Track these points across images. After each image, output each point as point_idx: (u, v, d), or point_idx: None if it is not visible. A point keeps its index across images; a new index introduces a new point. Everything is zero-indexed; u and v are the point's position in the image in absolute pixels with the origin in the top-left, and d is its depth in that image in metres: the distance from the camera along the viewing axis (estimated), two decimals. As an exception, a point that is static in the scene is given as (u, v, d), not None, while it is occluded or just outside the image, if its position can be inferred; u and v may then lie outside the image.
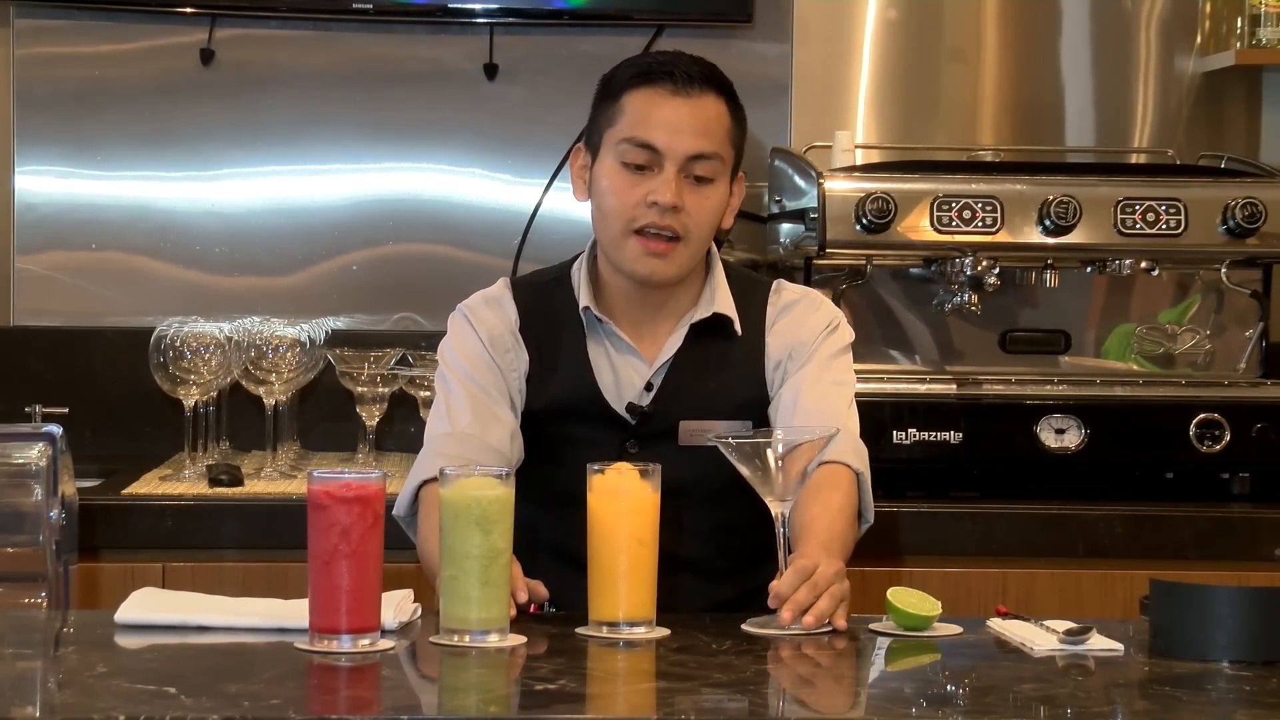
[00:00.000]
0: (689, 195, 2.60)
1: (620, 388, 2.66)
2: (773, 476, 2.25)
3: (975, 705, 1.93)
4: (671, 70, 2.61)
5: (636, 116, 2.60)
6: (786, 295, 2.74)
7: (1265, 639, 2.06)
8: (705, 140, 2.60)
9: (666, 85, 2.60)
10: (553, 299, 2.70)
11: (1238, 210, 3.45)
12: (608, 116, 2.64)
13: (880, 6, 3.94)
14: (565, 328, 2.68)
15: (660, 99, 2.60)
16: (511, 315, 2.69)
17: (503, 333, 2.67)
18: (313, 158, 3.90)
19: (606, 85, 2.67)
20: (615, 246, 2.63)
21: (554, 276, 2.74)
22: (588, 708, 1.96)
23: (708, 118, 2.61)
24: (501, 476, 2.20)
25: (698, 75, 2.61)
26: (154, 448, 3.69)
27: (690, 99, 2.60)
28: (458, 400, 2.64)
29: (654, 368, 2.66)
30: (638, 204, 2.59)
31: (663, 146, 2.58)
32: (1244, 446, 3.43)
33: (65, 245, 3.87)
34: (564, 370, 2.66)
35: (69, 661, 2.07)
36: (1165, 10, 3.97)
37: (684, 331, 2.67)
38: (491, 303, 2.71)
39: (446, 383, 2.67)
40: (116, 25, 3.86)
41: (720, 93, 2.63)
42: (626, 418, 2.65)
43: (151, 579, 3.07)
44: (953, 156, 3.78)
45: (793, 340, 2.69)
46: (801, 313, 2.72)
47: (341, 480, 2.12)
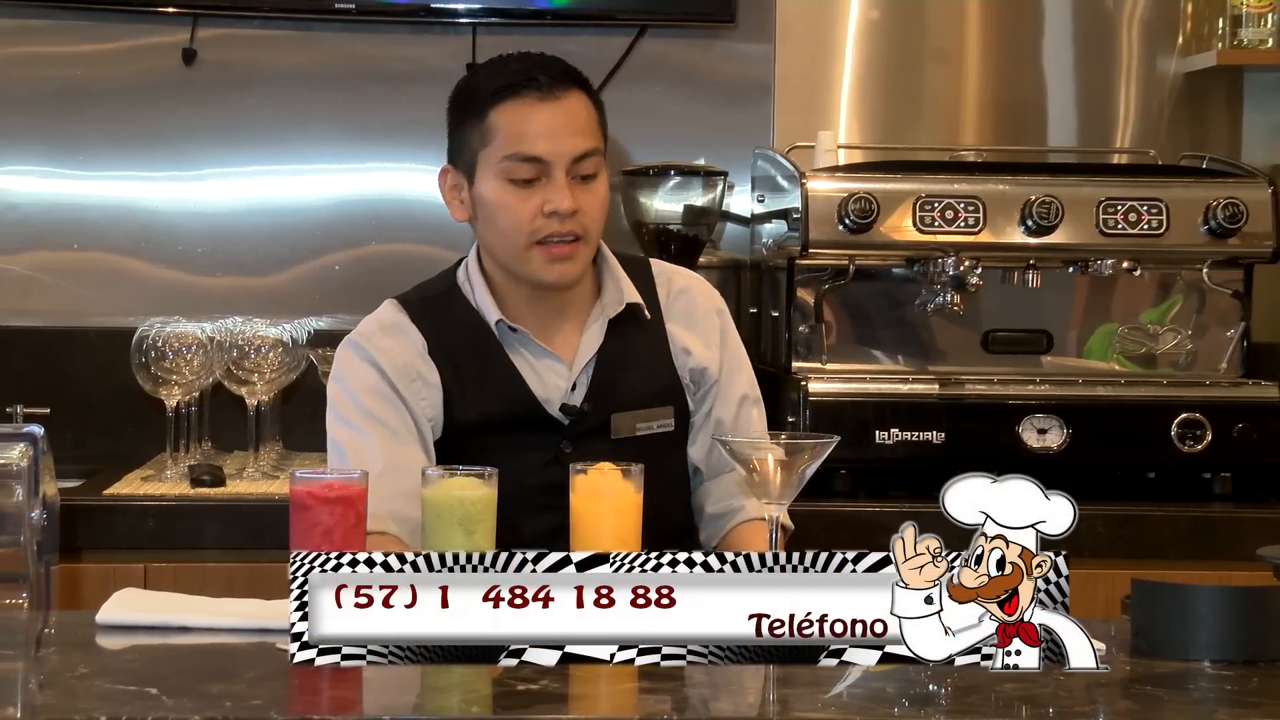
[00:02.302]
0: (580, 195, 2.59)
1: (546, 391, 2.64)
2: (770, 479, 2.25)
3: (957, 705, 1.93)
4: (534, 76, 2.58)
5: (512, 131, 2.57)
6: (676, 280, 2.77)
7: (1247, 638, 2.07)
8: (584, 138, 2.59)
9: (533, 93, 2.57)
10: (450, 313, 2.66)
11: (1219, 210, 3.46)
12: (478, 136, 2.60)
13: (863, 7, 3.95)
14: (477, 342, 2.64)
15: (530, 108, 2.57)
16: (417, 341, 2.63)
17: (409, 360, 2.62)
18: (295, 157, 3.90)
19: (465, 103, 2.63)
20: (518, 260, 2.60)
21: (443, 289, 2.70)
22: (570, 708, 1.96)
23: (579, 115, 2.60)
24: (484, 476, 2.20)
25: (559, 75, 2.60)
26: (136, 448, 3.68)
27: (559, 101, 2.58)
28: (366, 443, 2.56)
29: (575, 368, 2.65)
30: (534, 216, 2.57)
31: (548, 155, 2.57)
32: (1225, 446, 3.44)
33: (47, 245, 3.87)
34: (490, 383, 2.63)
35: (50, 662, 2.07)
36: (1147, 11, 3.98)
37: (601, 327, 2.66)
38: (391, 330, 2.65)
39: (350, 425, 2.59)
40: (98, 25, 3.85)
41: (580, 86, 2.62)
42: (561, 419, 2.64)
43: (133, 579, 3.06)
44: (935, 157, 3.78)
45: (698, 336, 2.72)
46: (694, 300, 2.75)
47: (324, 480, 2.12)
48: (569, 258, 2.59)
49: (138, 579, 3.11)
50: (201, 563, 3.19)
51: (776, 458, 2.25)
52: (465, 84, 2.67)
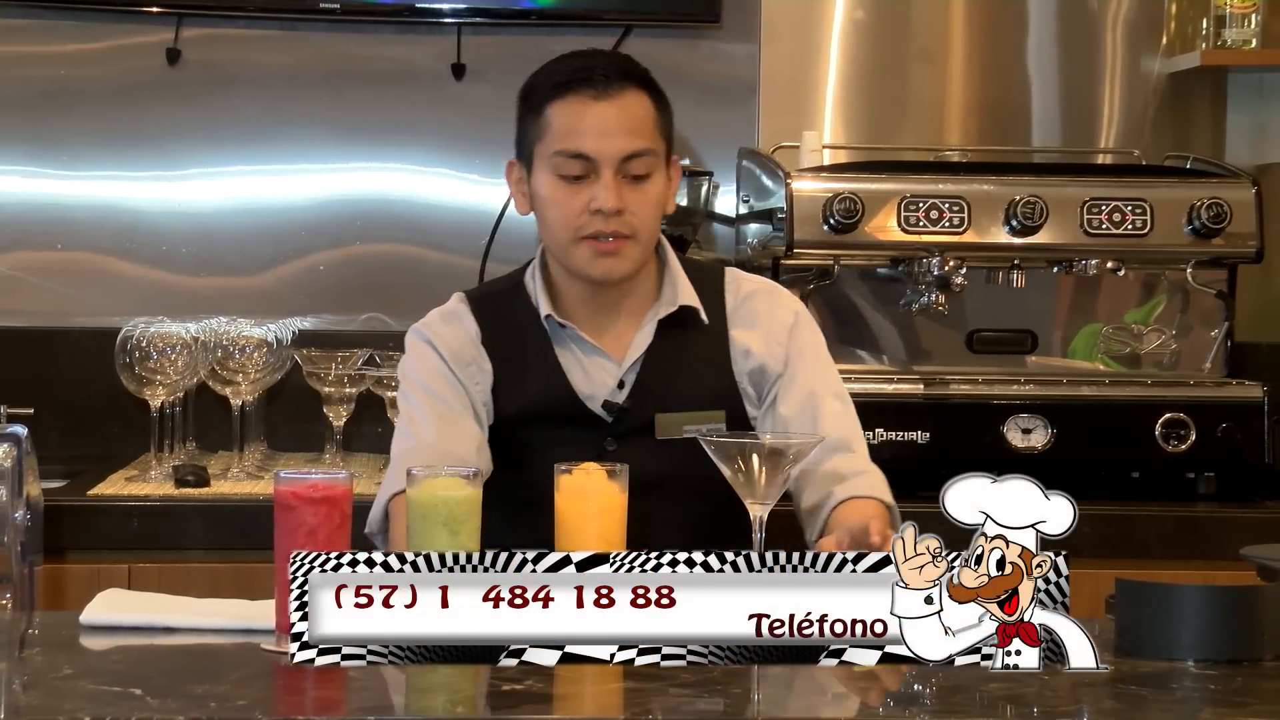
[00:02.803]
0: (629, 195, 2.59)
1: (593, 388, 2.66)
2: (756, 479, 2.25)
3: (942, 705, 1.94)
4: (590, 74, 2.59)
5: (564, 128, 2.59)
6: (745, 285, 2.75)
7: (1230, 638, 2.07)
8: (636, 138, 2.59)
9: (587, 91, 2.58)
10: (511, 308, 2.70)
11: (1203, 211, 3.47)
12: (535, 131, 2.62)
13: (848, 7, 3.95)
14: (529, 335, 2.68)
15: (584, 106, 2.58)
16: (472, 329, 2.68)
17: (463, 346, 2.67)
18: (280, 158, 3.89)
19: (527, 98, 2.65)
20: (566, 254, 2.63)
21: (509, 286, 2.73)
22: (555, 708, 1.96)
23: (634, 115, 2.60)
24: (469, 477, 2.19)
25: (616, 73, 2.60)
26: (120, 448, 3.68)
27: (614, 100, 2.58)
28: (421, 415, 2.63)
29: (624, 366, 2.67)
30: (581, 213, 2.59)
31: (595, 153, 2.57)
32: (1209, 446, 3.45)
33: (31, 245, 3.86)
34: (535, 375, 2.66)
35: (34, 663, 2.06)
36: (1131, 11, 3.98)
37: (652, 327, 2.67)
38: (449, 318, 2.70)
39: (409, 400, 2.67)
40: (82, 25, 3.85)
41: (641, 86, 2.62)
42: (603, 415, 2.65)
43: (117, 580, 3.06)
44: (920, 157, 3.79)
45: (762, 335, 2.70)
46: (763, 304, 2.73)
47: (308, 481, 2.11)
48: (614, 254, 2.60)
49: (122, 579, 3.10)
50: (186, 563, 3.18)
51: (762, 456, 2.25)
52: (531, 79, 2.67)
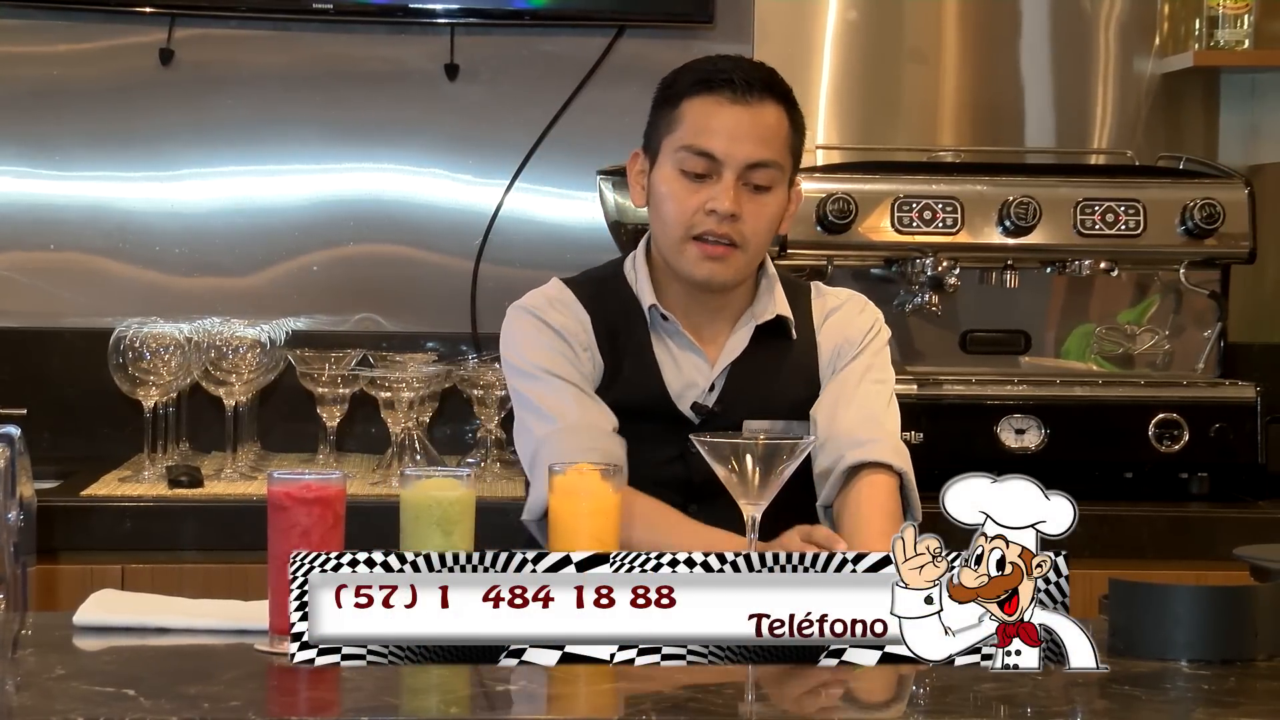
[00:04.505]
0: (747, 203, 2.60)
1: (684, 387, 2.68)
2: (749, 480, 2.25)
3: (935, 705, 1.94)
4: (731, 78, 2.60)
5: (696, 124, 2.60)
6: (830, 299, 2.78)
7: (1224, 638, 2.07)
8: (764, 148, 2.60)
9: (726, 93, 2.59)
10: (613, 297, 2.71)
11: (1196, 211, 3.47)
12: (667, 123, 2.63)
13: (841, 7, 3.95)
14: (630, 327, 2.69)
15: (719, 107, 2.59)
16: (583, 316, 2.69)
17: (577, 332, 2.67)
18: (273, 158, 3.89)
19: (666, 90, 2.66)
20: (674, 252, 2.64)
21: (609, 274, 2.74)
22: (549, 708, 1.95)
23: (767, 125, 2.61)
24: (463, 478, 2.19)
25: (758, 82, 2.61)
26: (113, 449, 3.67)
27: (750, 107, 2.60)
28: (555, 394, 2.62)
29: (716, 368, 2.69)
30: (696, 211, 2.60)
31: (721, 154, 2.59)
32: (1202, 446, 3.45)
33: (23, 245, 3.86)
34: (630, 370, 2.68)
35: (27, 664, 2.06)
36: (1124, 12, 3.98)
37: (748, 332, 2.69)
38: (559, 305, 2.69)
39: (534, 380, 2.64)
40: (75, 25, 3.84)
41: (780, 100, 2.63)
42: (691, 417, 2.66)
43: (110, 581, 3.05)
44: (913, 157, 3.79)
45: (841, 340, 2.73)
46: (848, 314, 2.76)
47: (302, 481, 2.11)
48: (721, 259, 2.61)
49: (115, 580, 3.10)
50: (179, 564, 3.18)
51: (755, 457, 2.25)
52: (672, 74, 2.69)
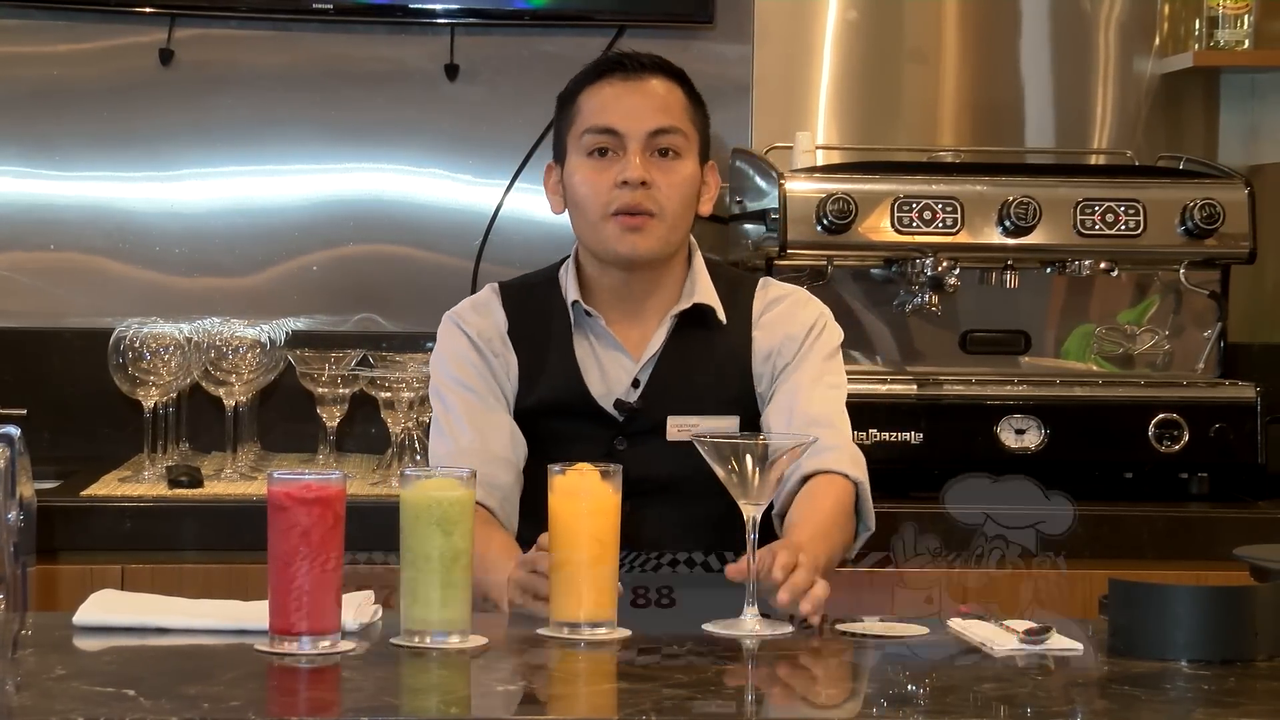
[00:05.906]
0: (656, 171, 2.64)
1: (608, 385, 2.68)
2: (749, 479, 2.25)
3: (936, 705, 1.94)
4: (620, 60, 2.70)
5: (593, 108, 2.67)
6: (774, 290, 2.77)
7: (1223, 638, 2.07)
8: (663, 115, 2.66)
9: (617, 75, 2.68)
10: (542, 300, 2.73)
11: (1196, 211, 3.47)
12: (568, 121, 2.70)
13: (841, 7, 3.95)
14: (553, 327, 2.70)
15: (612, 86, 2.67)
16: (500, 320, 2.72)
17: (491, 336, 2.71)
18: (273, 158, 3.89)
19: (563, 97, 2.74)
20: (595, 235, 2.66)
21: (543, 279, 2.77)
22: (549, 709, 1.96)
23: (661, 95, 2.68)
24: (462, 478, 2.19)
25: (647, 62, 2.70)
26: (113, 449, 3.67)
27: (641, 81, 2.68)
28: (455, 415, 2.67)
29: (640, 364, 2.68)
30: (609, 188, 2.64)
31: (622, 128, 2.64)
32: (1202, 446, 3.45)
33: (23, 245, 3.85)
34: (551, 369, 2.68)
35: (27, 664, 2.06)
36: (1124, 12, 3.98)
37: (668, 324, 2.69)
38: (480, 308, 2.74)
39: (441, 399, 2.71)
40: (75, 25, 3.84)
41: (669, 75, 2.70)
42: (615, 415, 2.66)
43: (110, 581, 3.05)
44: (913, 157, 3.79)
45: (782, 335, 2.71)
46: (789, 308, 2.74)
47: (302, 481, 2.11)
48: (639, 229, 2.64)
49: (115, 580, 3.10)
50: (179, 564, 3.18)
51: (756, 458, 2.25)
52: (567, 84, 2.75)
